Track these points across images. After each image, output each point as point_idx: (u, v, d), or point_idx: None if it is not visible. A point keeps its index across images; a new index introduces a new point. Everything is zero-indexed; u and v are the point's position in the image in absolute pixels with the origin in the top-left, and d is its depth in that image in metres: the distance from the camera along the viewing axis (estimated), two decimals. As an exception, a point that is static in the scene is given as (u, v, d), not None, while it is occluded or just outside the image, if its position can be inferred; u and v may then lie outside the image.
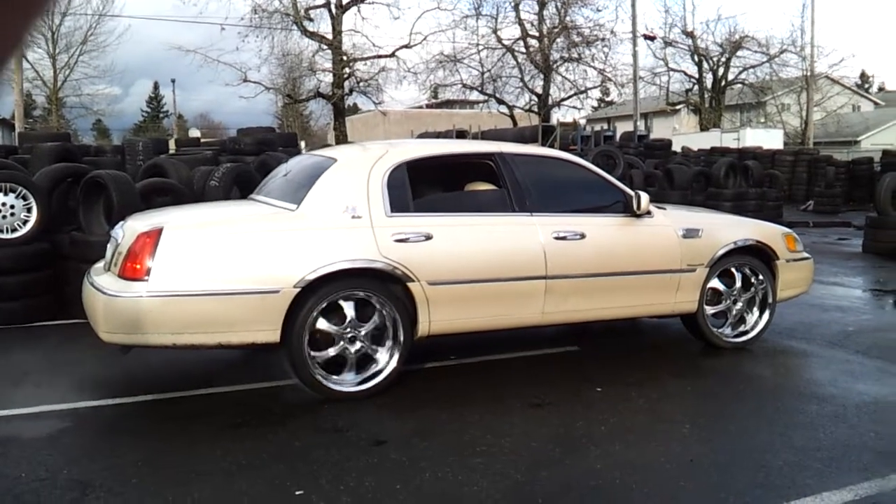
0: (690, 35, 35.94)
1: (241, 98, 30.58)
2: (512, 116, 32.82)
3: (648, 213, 5.40)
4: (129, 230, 4.45)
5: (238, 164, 9.42)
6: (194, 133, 31.20)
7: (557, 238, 5.00)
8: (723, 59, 36.64)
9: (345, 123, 29.85)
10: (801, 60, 34.87)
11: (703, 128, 35.59)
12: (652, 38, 33.97)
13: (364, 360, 4.54)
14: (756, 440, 4.05)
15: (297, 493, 3.26)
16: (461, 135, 24.69)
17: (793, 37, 37.19)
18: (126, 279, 4.16)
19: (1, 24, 0.49)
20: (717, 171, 15.98)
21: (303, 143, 21.98)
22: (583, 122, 35.12)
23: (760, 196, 15.95)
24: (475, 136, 24.03)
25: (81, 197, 7.55)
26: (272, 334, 4.26)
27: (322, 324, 4.40)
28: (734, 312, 5.82)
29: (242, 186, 8.84)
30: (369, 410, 4.28)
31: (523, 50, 31.80)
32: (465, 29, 31.16)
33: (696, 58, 36.73)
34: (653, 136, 27.70)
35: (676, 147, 22.95)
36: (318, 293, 4.33)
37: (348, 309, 4.45)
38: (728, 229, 5.80)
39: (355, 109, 45.73)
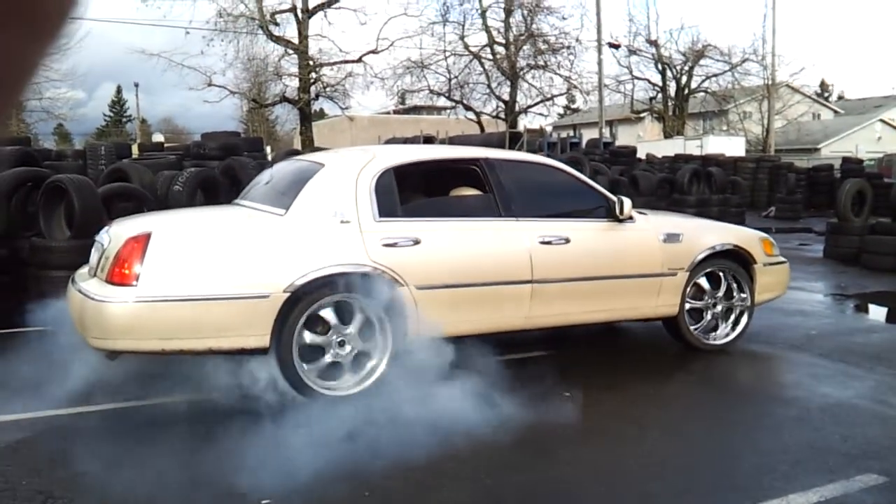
0: (654, 44, 36.40)
1: (206, 102, 30.27)
2: (479, 123, 32.90)
3: (630, 218, 5.46)
4: (115, 235, 4.40)
5: (202, 169, 9.32)
6: (158, 138, 30.74)
7: (543, 243, 5.04)
8: (686, 68, 37.15)
9: (311, 128, 29.71)
10: (763, 69, 35.52)
11: (667, 135, 36.01)
12: (616, 47, 34.29)
13: (353, 364, 4.53)
14: (723, 443, 4.08)
15: (264, 502, 3.22)
16: (428, 141, 24.66)
17: (754, 46, 38.09)
18: (114, 284, 4.11)
19: (17, 51, 0.48)
20: (680, 177, 16.17)
21: (268, 148, 21.79)
22: (549, 128, 35.26)
23: (723, 202, 16.16)
24: (442, 142, 24.02)
25: (42, 202, 7.41)
26: (262, 339, 4.23)
27: (307, 335, 4.39)
28: (713, 315, 5.90)
29: (207, 191, 8.76)
30: (338, 413, 4.22)
31: (490, 57, 31.93)
32: (432, 35, 31.31)
33: (659, 66, 37.20)
34: (618, 143, 27.94)
35: (641, 154, 23.16)
36: (307, 298, 4.32)
37: (336, 313, 4.45)
38: (707, 234, 5.89)
39: (322, 114, 45.53)
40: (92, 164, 12.38)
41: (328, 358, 4.46)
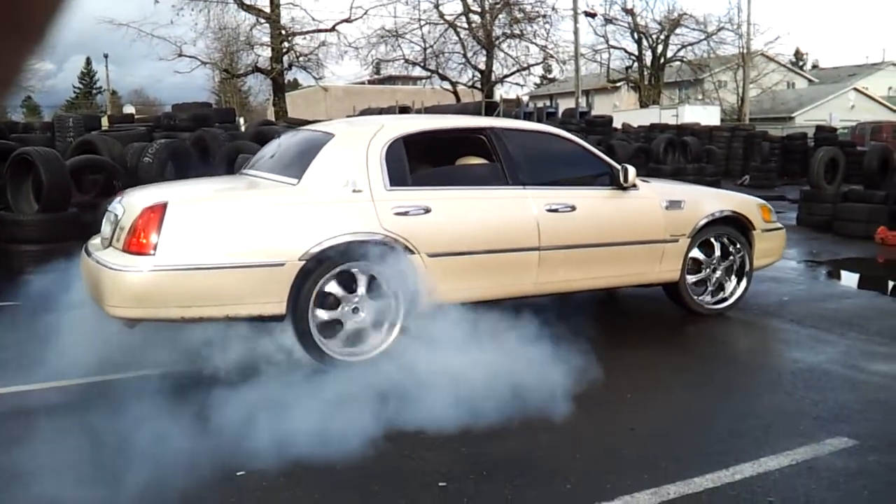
0: (630, 12, 36.29)
1: (177, 73, 29.75)
2: (455, 93, 32.70)
3: (634, 185, 5.52)
4: (129, 205, 4.44)
5: (173, 140, 9.20)
6: (129, 109, 30.31)
7: (549, 210, 5.11)
8: (661, 37, 37.12)
9: (285, 99, 29.37)
10: (738, 38, 35.57)
11: (643, 104, 36.05)
12: (593, 16, 34.21)
13: (365, 331, 4.59)
14: (695, 408, 4.12)
15: (239, 473, 3.20)
16: (404, 111, 24.51)
17: (730, 14, 38.09)
18: (132, 254, 4.16)
19: (3, 54, 0.48)
20: (656, 147, 16.20)
21: (241, 119, 21.53)
22: (525, 98, 35.19)
23: (698, 171, 16.22)
24: (418, 112, 23.87)
25: (8, 175, 7.28)
26: (278, 306, 4.31)
27: (322, 302, 4.46)
28: (713, 280, 6.01)
29: (177, 163, 8.63)
30: (314, 385, 4.19)
31: (466, 26, 31.67)
32: (406, 3, 31.02)
33: (635, 35, 37.15)
34: (594, 112, 27.95)
35: (617, 123, 23.19)
36: (321, 266, 4.39)
37: (350, 281, 4.53)
38: (708, 201, 5.98)
39: (296, 85, 44.96)
40: (60, 136, 12.14)
41: (341, 324, 4.54)
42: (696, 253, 5.88)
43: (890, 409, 4.06)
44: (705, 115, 29.49)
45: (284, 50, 28.69)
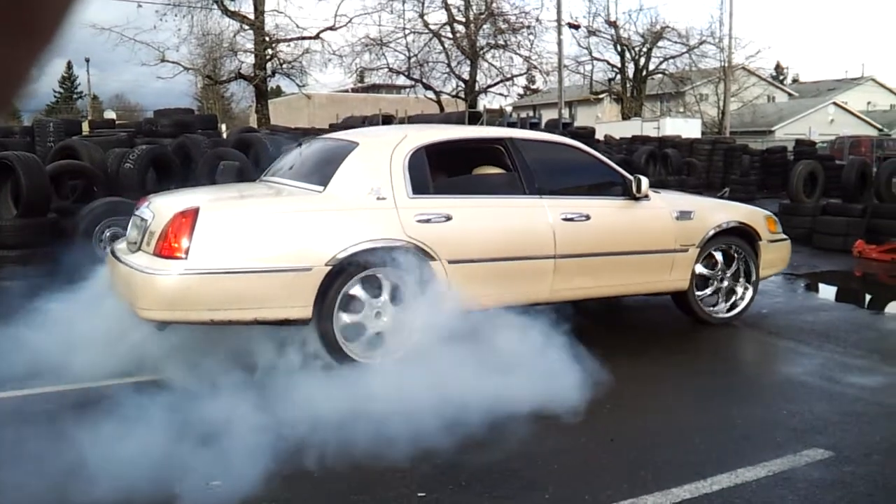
0: (613, 25, 36.50)
1: (160, 79, 29.55)
2: (439, 102, 32.71)
3: (646, 196, 5.63)
4: (159, 211, 4.54)
5: (154, 147, 9.15)
6: (109, 114, 30.07)
7: (565, 219, 5.23)
8: (644, 50, 37.34)
9: (267, 106, 29.23)
10: (719, 51, 35.82)
11: (625, 117, 36.25)
12: (576, 27, 34.36)
13: (388, 335, 4.67)
14: (674, 419, 4.14)
15: (215, 483, 3.17)
16: (387, 120, 24.45)
17: (711, 28, 38.30)
18: (163, 258, 4.25)
19: (12, 62, 0.49)
20: (637, 158, 16.29)
21: (223, 126, 21.42)
22: (509, 109, 35.18)
23: (679, 183, 16.29)
24: (401, 122, 23.86)
25: (-14, 179, 7.21)
26: (304, 310, 4.40)
27: (346, 306, 4.55)
28: (721, 290, 6.12)
29: (159, 169, 8.59)
30: (304, 392, 4.15)
31: (450, 35, 31.73)
32: (391, 12, 30.88)
33: (618, 47, 37.33)
34: (577, 124, 28.08)
35: (599, 135, 23.27)
36: (347, 271, 4.49)
37: (374, 286, 4.62)
38: (716, 212, 6.12)
39: (279, 92, 44.86)
40: (40, 141, 12.04)
41: (365, 328, 4.63)
42: (705, 261, 5.99)
43: (865, 420, 4.10)
44: (686, 127, 29.67)
45: (268, 57, 28.60)
